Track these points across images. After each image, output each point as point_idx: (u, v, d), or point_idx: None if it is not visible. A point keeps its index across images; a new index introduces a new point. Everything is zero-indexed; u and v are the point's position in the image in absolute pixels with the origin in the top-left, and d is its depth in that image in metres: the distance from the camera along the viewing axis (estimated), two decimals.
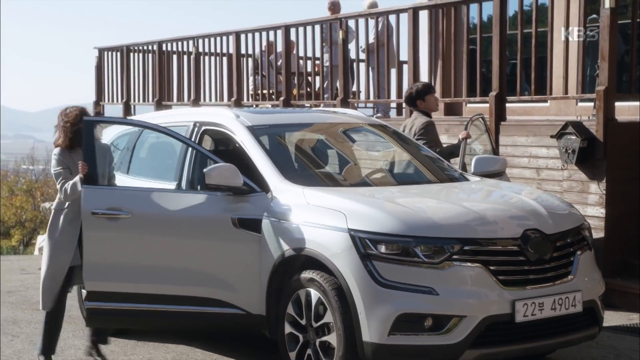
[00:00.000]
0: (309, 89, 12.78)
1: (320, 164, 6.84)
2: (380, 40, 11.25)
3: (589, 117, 8.83)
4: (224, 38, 13.49)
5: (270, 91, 12.89)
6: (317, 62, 12.51)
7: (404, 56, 10.90)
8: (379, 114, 12.10)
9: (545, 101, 10.54)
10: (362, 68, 11.82)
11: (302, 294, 5.61)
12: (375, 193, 6.07)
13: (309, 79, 12.99)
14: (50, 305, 6.27)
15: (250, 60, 13.52)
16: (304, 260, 5.66)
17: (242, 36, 13.08)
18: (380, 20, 11.30)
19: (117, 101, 16.05)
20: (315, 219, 5.58)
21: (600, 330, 5.88)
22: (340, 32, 11.27)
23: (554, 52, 8.98)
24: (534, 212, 5.69)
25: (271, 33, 12.64)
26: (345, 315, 5.31)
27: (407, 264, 5.24)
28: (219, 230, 5.98)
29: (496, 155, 7.91)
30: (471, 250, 5.29)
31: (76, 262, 6.20)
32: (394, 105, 12.31)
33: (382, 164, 7.24)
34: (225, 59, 13.66)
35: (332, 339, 5.41)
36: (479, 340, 5.22)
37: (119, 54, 15.87)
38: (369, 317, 5.21)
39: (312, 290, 5.53)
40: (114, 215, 6.09)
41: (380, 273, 5.23)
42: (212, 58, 13.93)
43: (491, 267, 5.29)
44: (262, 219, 5.87)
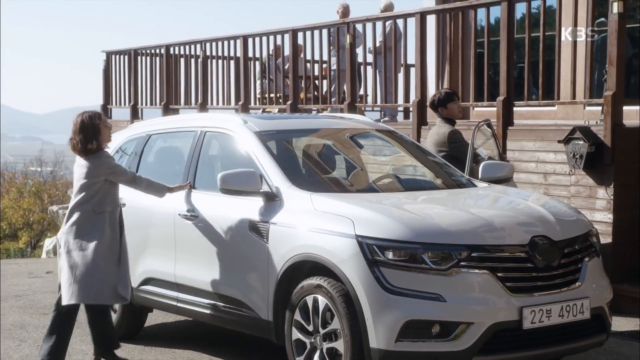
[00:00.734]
0: (316, 93, 12.79)
1: (327, 170, 6.84)
2: (387, 44, 11.25)
3: (596, 122, 8.81)
4: (232, 42, 13.51)
5: (278, 95, 12.90)
6: (325, 66, 12.52)
7: (412, 60, 10.91)
8: (386, 118, 12.11)
9: (552, 105, 10.52)
10: (370, 72, 11.82)
11: (309, 300, 5.61)
12: (382, 199, 6.07)
13: (317, 82, 13.00)
14: (82, 299, 6.14)
15: (257, 63, 13.54)
16: (311, 267, 5.67)
17: (250, 40, 13.10)
18: (388, 25, 11.30)
19: (124, 104, 16.08)
20: (323, 225, 5.59)
21: (608, 337, 5.86)
22: (347, 36, 11.27)
23: (562, 55, 8.97)
24: (541, 218, 5.69)
25: (279, 37, 12.66)
26: (353, 322, 5.32)
27: (415, 271, 5.24)
28: (239, 233, 6.17)
29: (503, 161, 7.89)
30: (479, 257, 5.28)
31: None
32: (401, 109, 12.31)
33: (390, 169, 7.23)
34: (232, 62, 13.69)
35: (340, 345, 5.41)
36: (486, 347, 5.21)
37: (126, 57, 15.90)
38: (376, 323, 5.21)
39: (319, 297, 5.53)
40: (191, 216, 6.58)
41: (388, 279, 5.23)
42: (220, 62, 13.96)
43: (499, 274, 5.28)
44: (270, 224, 5.90)
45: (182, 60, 14.76)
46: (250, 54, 13.30)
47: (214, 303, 6.38)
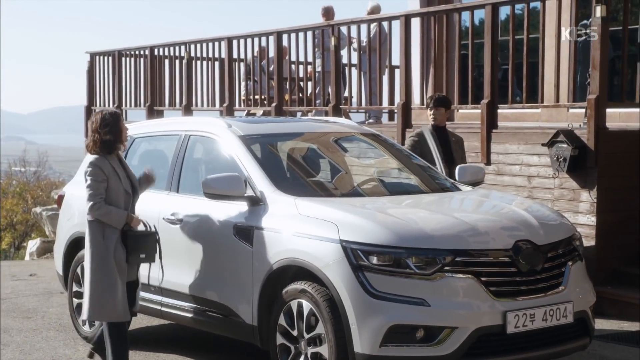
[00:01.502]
0: (301, 95, 12.79)
1: (312, 174, 6.84)
2: (372, 45, 11.27)
3: (580, 125, 8.85)
4: (216, 43, 13.49)
5: (263, 97, 12.89)
6: (309, 68, 12.52)
7: (397, 62, 10.92)
8: (370, 120, 12.12)
9: (536, 108, 10.56)
10: (354, 73, 11.83)
11: (293, 305, 5.61)
12: (367, 203, 6.08)
13: (301, 84, 13.00)
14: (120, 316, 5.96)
15: (242, 65, 13.52)
16: (295, 271, 5.68)
17: (235, 41, 13.08)
18: (373, 27, 11.31)
19: (108, 106, 16.01)
20: (307, 229, 5.59)
21: (591, 340, 5.90)
22: (332, 38, 11.27)
23: (546, 58, 9.01)
24: (525, 222, 5.71)
25: (263, 39, 12.65)
26: (337, 327, 5.32)
27: (399, 275, 5.25)
28: (223, 237, 6.17)
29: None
30: (463, 262, 5.30)
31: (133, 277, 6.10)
32: (386, 110, 12.33)
33: (374, 173, 7.24)
34: (217, 64, 13.66)
35: (324, 350, 5.42)
36: (470, 352, 5.23)
37: (110, 58, 15.84)
38: (360, 328, 5.22)
39: (303, 301, 5.54)
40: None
41: (372, 284, 5.24)
42: (204, 63, 13.93)
43: (483, 278, 5.30)
44: (254, 229, 5.90)
45: (167, 61, 14.72)
46: (235, 56, 13.28)
47: (198, 307, 6.37)
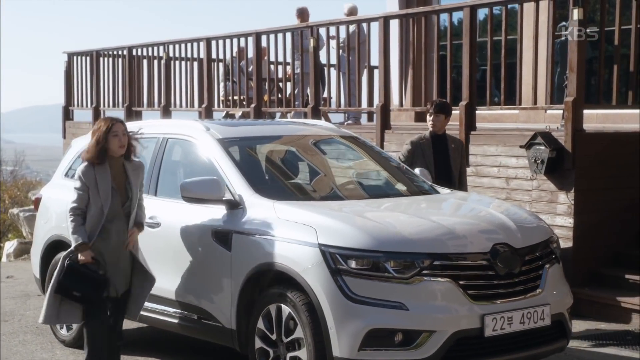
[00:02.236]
0: (280, 95, 12.77)
1: (291, 177, 6.83)
2: (351, 46, 11.27)
3: (557, 126, 8.91)
4: (195, 44, 13.45)
5: (242, 97, 12.86)
6: (288, 68, 12.52)
7: (375, 63, 10.94)
8: (350, 121, 12.13)
9: (515, 109, 10.62)
10: (333, 74, 11.84)
11: (272, 309, 5.61)
12: (345, 207, 6.08)
13: (280, 85, 12.99)
14: None
15: (221, 66, 13.49)
16: (274, 275, 5.67)
17: (213, 42, 13.05)
18: (352, 28, 11.31)
19: (86, 106, 15.95)
20: (286, 233, 5.59)
21: (568, 342, 5.94)
22: (311, 39, 11.27)
23: (524, 59, 9.06)
24: (502, 226, 5.73)
25: (242, 40, 12.63)
26: (316, 331, 5.32)
27: (378, 279, 5.26)
28: (201, 241, 6.15)
29: None
30: (441, 265, 5.31)
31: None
32: (365, 111, 12.33)
33: (353, 176, 7.25)
34: (196, 64, 13.62)
35: (303, 354, 5.41)
36: (448, 355, 5.24)
37: (88, 58, 15.77)
38: (339, 332, 5.22)
39: (282, 305, 5.53)
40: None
41: (351, 288, 5.25)
42: (183, 63, 13.88)
43: (461, 282, 5.32)
44: (233, 233, 5.89)
45: (145, 61, 14.67)
46: (214, 56, 13.25)
47: (177, 311, 6.36)
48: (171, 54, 13.94)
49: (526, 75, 9.25)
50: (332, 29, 11.29)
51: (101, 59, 15.46)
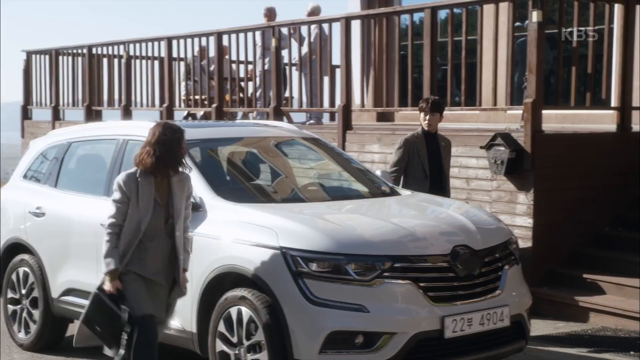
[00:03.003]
0: (242, 95, 12.74)
1: (252, 179, 6.82)
2: (312, 47, 11.28)
3: (517, 127, 8.99)
4: (156, 43, 13.37)
5: (203, 97, 12.81)
6: (250, 68, 12.49)
7: (337, 62, 10.95)
8: (311, 121, 12.14)
9: (475, 110, 10.68)
10: (295, 75, 11.82)
11: (233, 311, 5.59)
12: (307, 209, 6.08)
13: (242, 84, 12.95)
14: None
15: (182, 64, 13.42)
16: (235, 278, 5.65)
17: (174, 41, 12.97)
18: (314, 29, 11.32)
19: (45, 105, 15.78)
20: (247, 236, 5.57)
21: (527, 342, 6.00)
22: (273, 39, 11.26)
23: (484, 60, 9.13)
24: (462, 227, 5.77)
25: (204, 39, 12.57)
26: (277, 333, 5.31)
27: (339, 282, 5.26)
28: None
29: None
30: (401, 267, 5.33)
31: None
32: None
33: (315, 178, 7.25)
34: (157, 63, 13.53)
35: (264, 357, 5.40)
36: (409, 357, 5.25)
37: (47, 57, 15.60)
38: (300, 335, 5.23)
39: (243, 308, 5.52)
40: None
41: (312, 291, 5.25)
42: (144, 62, 13.79)
43: (421, 284, 5.34)
44: (193, 235, 5.85)
45: (105, 60, 14.55)
46: (175, 55, 13.18)
47: None
48: (132, 53, 13.84)
49: (486, 75, 9.32)
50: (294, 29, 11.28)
51: (60, 57, 15.30)
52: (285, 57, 11.59)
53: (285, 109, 11.50)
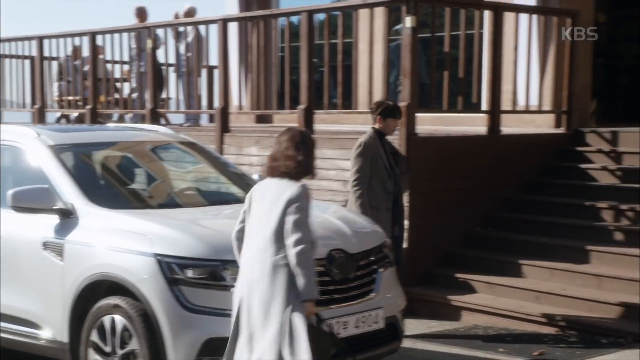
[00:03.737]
0: (117, 96, 12.50)
1: (127, 185, 6.71)
2: (189, 49, 11.18)
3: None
4: (26, 43, 12.97)
5: (77, 98, 12.50)
6: (125, 68, 12.27)
7: (214, 61, 10.90)
8: (189, 122, 12.03)
9: (351, 113, 10.81)
10: (172, 76, 11.70)
11: (106, 320, 5.48)
12: (182, 215, 6.03)
13: (117, 85, 12.71)
14: None
15: (55, 64, 13.06)
16: (109, 286, 5.54)
17: (46, 41, 12.61)
18: (191, 31, 11.22)
19: None
20: (121, 243, 5.48)
21: (401, 343, 6.12)
22: (149, 41, 11.10)
23: (360, 63, 9.26)
24: (338, 231, 5.82)
25: (77, 39, 12.28)
26: (152, 342, 5.24)
27: (215, 288, 5.23)
28: (33, 252, 5.93)
29: None
30: None
31: None
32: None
33: (192, 183, 7.19)
34: (27, 62, 13.12)
35: None
36: None
37: None
38: (175, 343, 5.17)
39: (117, 317, 5.42)
40: None
41: (188, 298, 5.20)
42: (14, 61, 13.34)
43: None
44: (65, 242, 5.72)
45: None
46: (47, 54, 12.80)
47: (9, 326, 6.08)
48: (1, 52, 13.38)
49: (362, 78, 9.47)
50: (171, 31, 11.15)
51: None
52: (162, 58, 11.45)
53: (162, 111, 11.35)
